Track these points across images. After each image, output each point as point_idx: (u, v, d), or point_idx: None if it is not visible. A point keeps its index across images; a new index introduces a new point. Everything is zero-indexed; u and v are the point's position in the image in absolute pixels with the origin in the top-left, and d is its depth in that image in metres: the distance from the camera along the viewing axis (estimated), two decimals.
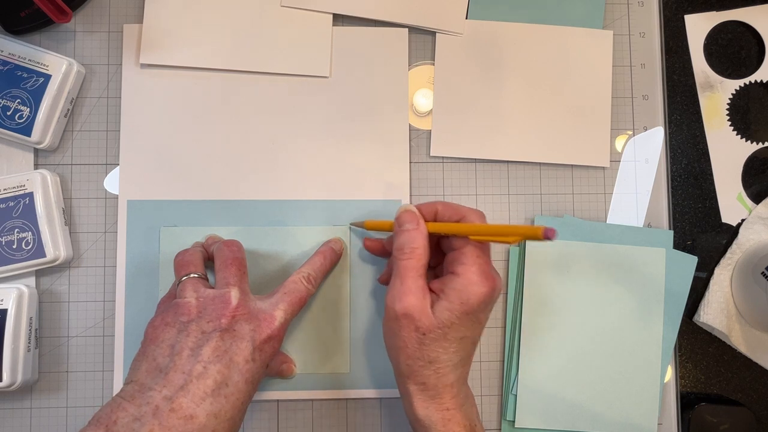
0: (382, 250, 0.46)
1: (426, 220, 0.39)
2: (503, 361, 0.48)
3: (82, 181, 0.47)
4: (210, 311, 0.37)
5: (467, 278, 0.36)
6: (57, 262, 0.45)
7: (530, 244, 0.47)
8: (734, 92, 0.51)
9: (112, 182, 0.47)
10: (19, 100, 0.45)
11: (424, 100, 0.49)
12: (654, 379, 0.46)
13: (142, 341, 0.38)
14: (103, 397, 0.46)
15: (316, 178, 0.48)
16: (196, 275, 0.40)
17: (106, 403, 0.35)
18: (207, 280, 0.41)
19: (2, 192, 0.45)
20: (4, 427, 0.45)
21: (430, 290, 0.38)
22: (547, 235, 0.32)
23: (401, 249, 0.38)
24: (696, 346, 0.49)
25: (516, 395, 0.46)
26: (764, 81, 0.51)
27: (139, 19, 0.48)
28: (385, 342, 0.40)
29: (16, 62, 0.45)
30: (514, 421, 0.46)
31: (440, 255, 0.41)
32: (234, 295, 0.38)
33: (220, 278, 0.40)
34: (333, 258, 0.46)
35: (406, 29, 0.49)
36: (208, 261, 0.43)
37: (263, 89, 0.48)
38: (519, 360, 0.46)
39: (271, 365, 0.43)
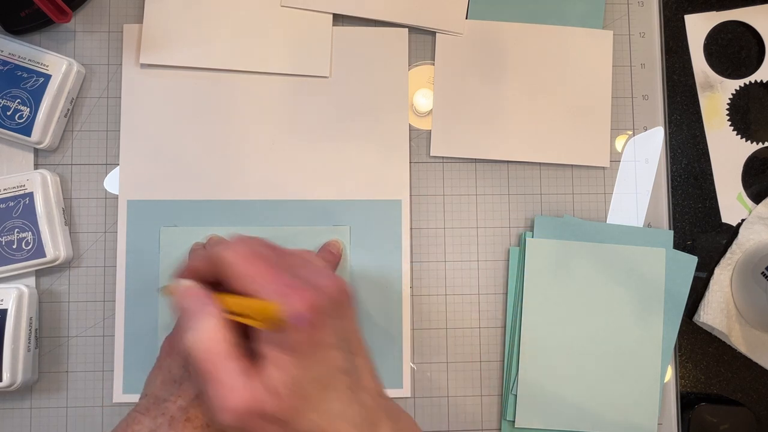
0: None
1: (208, 282, 0.31)
2: (503, 361, 0.48)
3: (82, 181, 0.47)
4: None
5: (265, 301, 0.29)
6: (57, 262, 0.45)
7: (530, 244, 0.47)
8: (734, 92, 0.51)
9: (112, 182, 0.47)
10: (19, 100, 0.45)
11: (424, 100, 0.49)
12: (654, 379, 0.46)
13: (159, 355, 0.37)
14: (102, 397, 0.46)
15: (316, 179, 0.48)
16: None
17: (121, 419, 0.35)
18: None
19: (2, 192, 0.45)
20: (4, 427, 0.45)
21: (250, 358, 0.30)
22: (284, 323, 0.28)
23: (194, 345, 0.29)
24: (696, 346, 0.49)
25: (516, 395, 0.46)
26: (764, 81, 0.51)
27: (139, 19, 0.48)
28: None
29: (16, 62, 0.45)
30: (514, 421, 0.46)
31: None
32: None
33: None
34: (332, 261, 0.46)
35: (406, 29, 0.49)
36: None
37: (263, 89, 0.48)
38: (519, 360, 0.46)
39: None
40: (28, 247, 0.44)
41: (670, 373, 0.48)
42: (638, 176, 0.50)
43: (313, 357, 0.29)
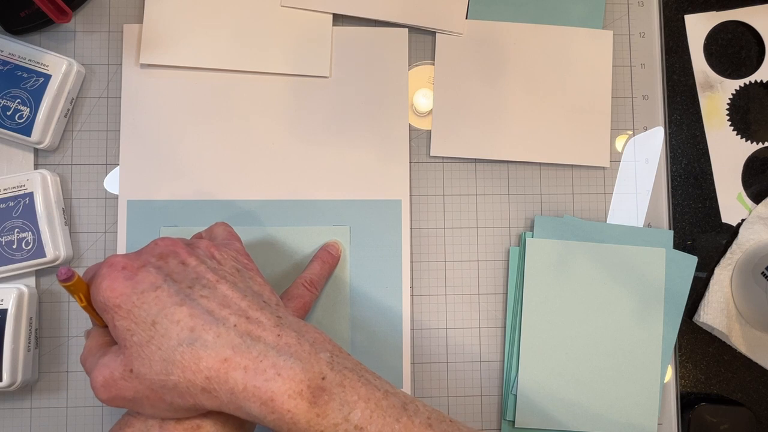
0: None
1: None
2: (503, 361, 0.48)
3: (82, 181, 0.47)
4: None
5: (92, 286, 0.33)
6: (57, 262, 0.45)
7: (530, 244, 0.47)
8: (734, 92, 0.51)
9: (112, 182, 0.47)
10: (19, 100, 0.45)
11: (424, 100, 0.49)
12: (654, 379, 0.46)
13: None
14: None
15: (316, 178, 0.48)
16: None
17: (115, 423, 0.35)
18: None
19: (2, 192, 0.45)
20: (4, 427, 0.45)
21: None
22: (60, 278, 0.31)
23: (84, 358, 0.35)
24: (696, 346, 0.49)
25: (516, 395, 0.46)
26: (764, 81, 0.51)
27: (139, 19, 0.48)
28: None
29: (16, 62, 0.45)
30: (514, 421, 0.46)
31: None
32: None
33: None
34: (331, 262, 0.46)
35: (406, 29, 0.49)
36: None
37: (263, 89, 0.48)
38: (519, 360, 0.46)
39: None
40: (28, 247, 0.44)
41: (670, 373, 0.48)
42: (638, 176, 0.50)
43: (129, 305, 0.31)
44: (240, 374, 0.30)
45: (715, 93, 0.51)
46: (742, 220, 0.50)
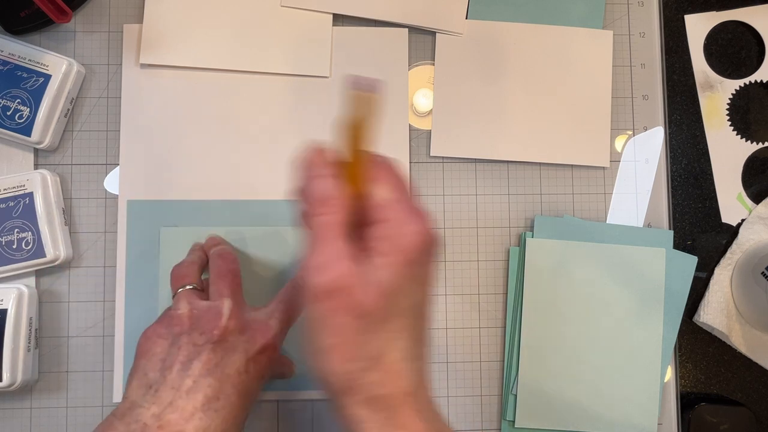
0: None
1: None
2: (503, 361, 0.48)
3: (82, 181, 0.47)
4: (203, 323, 0.37)
5: (398, 219, 0.29)
6: (57, 262, 0.45)
7: (530, 244, 0.47)
8: (734, 92, 0.51)
9: (112, 182, 0.47)
10: (19, 100, 0.45)
11: (424, 100, 0.49)
12: (654, 379, 0.46)
13: (136, 354, 0.37)
14: (102, 397, 0.46)
15: None
16: (191, 287, 0.40)
17: (100, 422, 0.35)
18: (203, 290, 0.41)
19: (2, 192, 0.45)
20: (4, 427, 0.45)
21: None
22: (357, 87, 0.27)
23: (313, 202, 0.30)
24: (696, 346, 0.49)
25: (516, 395, 0.46)
26: (764, 81, 0.51)
27: (139, 19, 0.48)
28: (307, 344, 0.29)
29: (16, 62, 0.45)
30: (514, 421, 0.46)
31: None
32: (227, 306, 0.38)
33: (214, 290, 0.39)
34: None
35: (406, 29, 0.49)
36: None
37: (263, 89, 0.48)
38: (519, 360, 0.46)
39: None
40: (28, 247, 0.44)
41: (670, 373, 0.48)
42: (638, 176, 0.50)
43: (415, 280, 0.29)
44: None
45: (715, 93, 0.51)
46: (742, 220, 0.50)
